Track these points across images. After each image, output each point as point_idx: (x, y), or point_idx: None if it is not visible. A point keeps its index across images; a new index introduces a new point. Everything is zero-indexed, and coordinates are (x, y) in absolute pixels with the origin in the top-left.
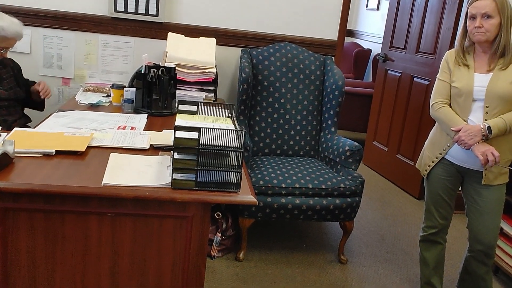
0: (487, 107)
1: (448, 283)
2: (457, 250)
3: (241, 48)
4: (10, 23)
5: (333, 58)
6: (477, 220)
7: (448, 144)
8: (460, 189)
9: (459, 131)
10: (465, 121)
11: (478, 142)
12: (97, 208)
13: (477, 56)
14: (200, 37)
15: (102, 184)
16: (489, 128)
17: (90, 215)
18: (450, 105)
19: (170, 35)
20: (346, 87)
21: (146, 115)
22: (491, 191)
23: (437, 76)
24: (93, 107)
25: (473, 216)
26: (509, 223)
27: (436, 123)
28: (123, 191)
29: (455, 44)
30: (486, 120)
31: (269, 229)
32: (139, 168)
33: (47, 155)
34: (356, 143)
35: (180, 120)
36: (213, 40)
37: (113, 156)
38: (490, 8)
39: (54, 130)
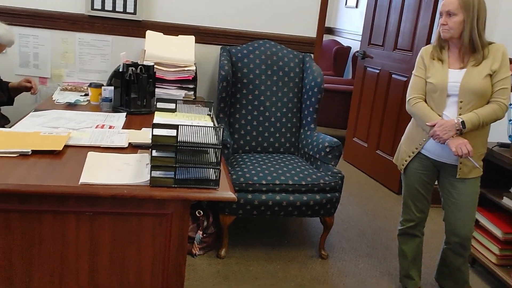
0: (461, 102)
1: (426, 275)
2: (435, 242)
3: (220, 46)
4: (5, 31)
5: (312, 55)
6: (453, 213)
7: (424, 139)
8: (436, 182)
9: (434, 126)
10: (440, 116)
11: (453, 137)
12: (75, 208)
13: (451, 52)
14: (179, 35)
15: (79, 183)
16: (463, 122)
17: (67, 214)
18: (425, 101)
19: (149, 33)
20: (326, 84)
21: (125, 113)
22: (466, 184)
23: (413, 72)
24: (71, 106)
25: (449, 209)
26: (484, 215)
27: (412, 118)
28: (101, 189)
29: (433, 39)
30: (460, 115)
31: (250, 226)
32: (117, 166)
33: (23, 155)
34: (335, 139)
35: (158, 118)
36: (192, 38)
37: (90, 155)
38: (453, 6)
39: (31, 130)
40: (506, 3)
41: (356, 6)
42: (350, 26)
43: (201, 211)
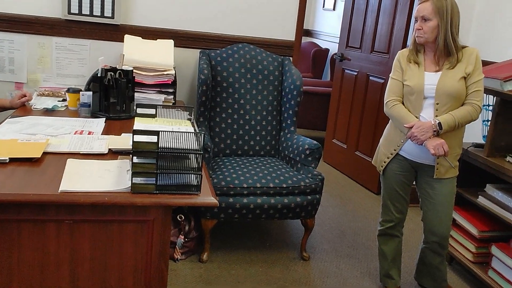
0: (437, 104)
1: (405, 274)
2: (414, 242)
3: (200, 50)
4: None
5: (291, 58)
6: (431, 213)
7: (402, 140)
8: (414, 183)
9: (411, 127)
10: (417, 117)
11: (430, 138)
12: (55, 216)
13: (427, 56)
14: (158, 39)
15: (59, 191)
16: (439, 124)
17: (47, 223)
18: (403, 103)
19: (127, 37)
20: (305, 87)
21: (104, 119)
22: (443, 184)
23: (390, 75)
24: (48, 112)
25: (427, 208)
26: (460, 214)
27: (390, 120)
28: (81, 197)
29: (410, 43)
30: (436, 116)
31: (232, 229)
32: (97, 173)
33: (0, 163)
34: (315, 142)
35: (139, 123)
36: (171, 42)
37: (70, 162)
38: (427, 12)
39: (7, 137)
40: (479, 8)
41: (334, 9)
42: (328, 29)
43: (182, 216)
